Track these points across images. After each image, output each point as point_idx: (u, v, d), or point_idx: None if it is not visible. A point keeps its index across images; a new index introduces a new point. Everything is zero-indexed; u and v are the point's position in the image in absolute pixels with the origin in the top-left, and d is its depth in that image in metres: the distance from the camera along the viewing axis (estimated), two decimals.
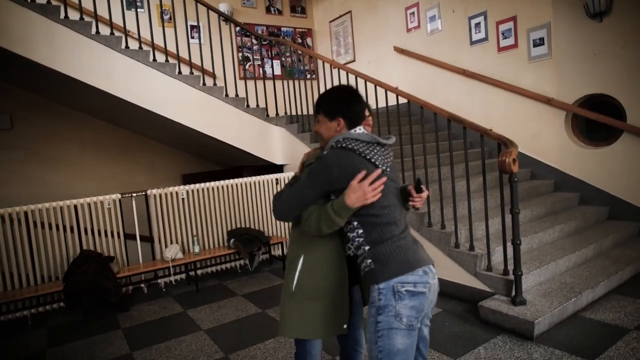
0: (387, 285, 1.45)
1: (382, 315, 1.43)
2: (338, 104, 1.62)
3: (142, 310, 3.81)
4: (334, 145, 1.57)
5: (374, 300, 1.47)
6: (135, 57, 4.37)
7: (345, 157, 1.51)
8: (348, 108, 1.61)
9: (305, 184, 1.55)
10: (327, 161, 1.51)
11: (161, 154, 6.73)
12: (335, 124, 1.61)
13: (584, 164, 4.53)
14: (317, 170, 1.53)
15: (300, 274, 1.65)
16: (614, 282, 3.26)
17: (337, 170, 1.49)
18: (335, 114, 1.61)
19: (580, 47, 4.39)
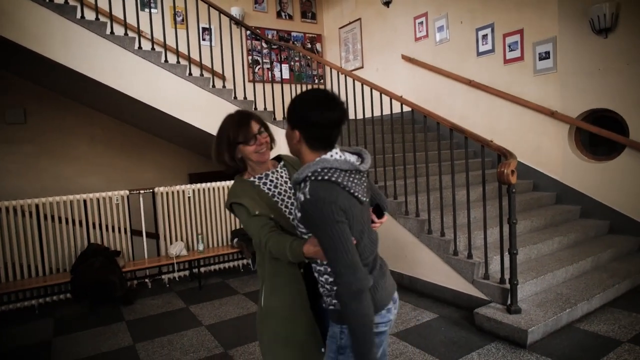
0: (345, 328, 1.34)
1: (343, 355, 1.36)
2: (292, 111, 1.36)
3: (146, 304, 3.90)
4: (310, 176, 1.31)
5: (334, 336, 1.39)
6: (147, 57, 4.48)
7: (333, 192, 1.28)
8: (303, 120, 1.33)
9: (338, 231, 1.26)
10: (328, 199, 1.26)
11: (169, 152, 6.84)
12: (296, 135, 1.35)
13: (586, 178, 4.57)
14: (329, 214, 1.25)
15: (265, 294, 1.62)
16: (610, 295, 3.30)
17: (338, 203, 1.27)
18: (292, 124, 1.36)
19: (585, 62, 4.45)
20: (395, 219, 3.96)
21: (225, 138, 1.59)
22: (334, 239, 1.25)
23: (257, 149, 1.59)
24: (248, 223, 1.57)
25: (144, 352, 2.97)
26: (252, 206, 1.55)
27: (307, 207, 1.27)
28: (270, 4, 7.45)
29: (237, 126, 1.59)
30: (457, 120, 4.40)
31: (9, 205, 3.80)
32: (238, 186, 1.64)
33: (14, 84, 5.52)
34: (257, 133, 1.60)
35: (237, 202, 1.58)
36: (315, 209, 1.26)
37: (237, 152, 1.60)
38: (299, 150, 1.39)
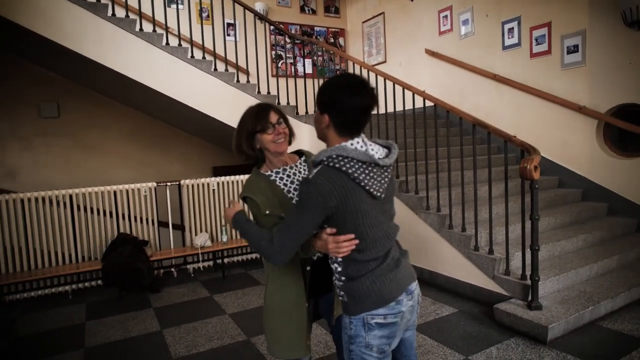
0: (358, 317, 1.40)
1: (353, 344, 1.42)
2: (322, 96, 1.36)
3: (172, 293, 4.05)
4: (324, 160, 1.33)
5: (345, 327, 1.46)
6: (174, 53, 4.61)
7: (335, 181, 1.30)
8: (334, 104, 1.33)
9: (300, 216, 1.34)
10: (322, 189, 1.29)
11: (194, 146, 7.01)
12: (324, 119, 1.36)
13: (614, 174, 4.46)
14: (308, 198, 1.31)
15: (268, 291, 1.71)
16: (636, 294, 3.24)
17: (335, 199, 1.31)
18: (322, 108, 1.37)
19: (616, 56, 4.32)
20: (416, 213, 3.97)
21: (245, 127, 1.65)
22: (295, 218, 1.35)
23: (275, 139, 1.63)
24: (258, 220, 1.63)
25: (171, 337, 3.10)
26: (263, 204, 1.60)
27: (302, 186, 1.34)
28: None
29: (256, 115, 1.64)
30: (482, 115, 4.36)
31: (45, 196, 4.00)
32: (254, 180, 1.68)
33: (48, 80, 5.76)
34: (276, 123, 1.64)
35: (250, 197, 1.62)
36: (306, 190, 1.31)
37: (255, 141, 1.64)
38: (326, 135, 1.40)
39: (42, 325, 3.42)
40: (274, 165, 1.70)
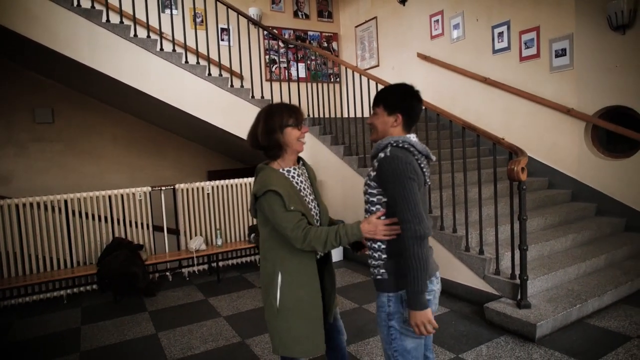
0: (396, 294, 1.53)
1: (392, 320, 1.53)
2: (400, 99, 1.61)
3: (167, 296, 4.07)
4: (392, 144, 1.55)
5: (382, 305, 1.56)
6: (169, 59, 4.65)
7: (409, 156, 1.52)
8: (409, 105, 1.60)
9: (410, 186, 1.48)
10: (406, 159, 1.49)
11: (188, 150, 7.04)
12: (393, 119, 1.60)
13: (602, 175, 4.55)
14: (405, 170, 1.48)
15: (281, 290, 1.69)
16: (623, 292, 3.31)
17: (412, 165, 1.50)
18: (394, 109, 1.59)
19: (602, 59, 4.42)
20: None
21: (277, 119, 1.69)
22: (406, 190, 1.47)
23: (301, 137, 1.74)
24: (281, 215, 1.62)
25: (166, 340, 3.13)
26: (288, 199, 1.62)
27: (386, 163, 1.50)
28: (287, 4, 7.57)
29: (290, 110, 1.73)
30: (473, 118, 4.44)
31: (39, 201, 4.02)
32: (273, 175, 1.69)
33: (42, 85, 5.78)
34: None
35: (275, 190, 1.62)
36: (393, 164, 1.49)
37: (282, 135, 1.69)
38: (392, 132, 1.61)
39: (37, 330, 3.44)
40: (286, 164, 1.76)
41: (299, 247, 1.64)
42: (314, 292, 1.74)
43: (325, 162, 5.20)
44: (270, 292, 1.73)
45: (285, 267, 1.71)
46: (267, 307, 1.77)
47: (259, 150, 1.77)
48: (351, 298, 3.74)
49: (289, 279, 1.71)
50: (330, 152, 5.08)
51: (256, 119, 1.76)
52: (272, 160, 1.78)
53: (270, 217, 1.66)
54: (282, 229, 1.65)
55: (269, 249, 1.75)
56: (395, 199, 1.49)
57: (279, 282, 1.70)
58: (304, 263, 1.72)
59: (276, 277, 1.71)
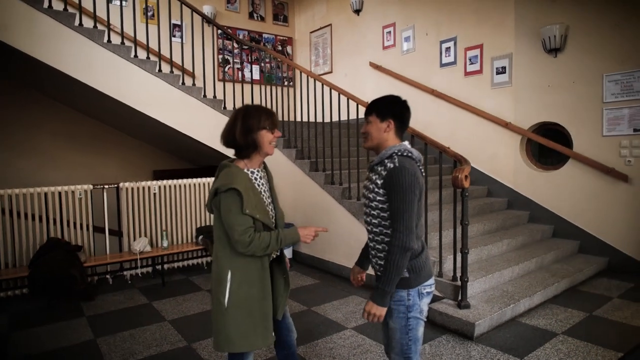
0: (415, 289, 1.70)
1: (411, 312, 1.69)
2: (391, 106, 1.75)
3: (107, 300, 3.87)
4: (397, 153, 1.68)
5: (401, 299, 1.69)
6: (117, 51, 4.45)
7: (415, 167, 1.66)
8: (399, 111, 1.75)
9: (410, 200, 1.61)
10: (412, 171, 1.62)
11: (133, 148, 6.75)
12: (386, 125, 1.73)
13: (534, 185, 4.92)
14: (410, 183, 1.61)
15: (230, 288, 1.71)
16: (550, 293, 3.60)
17: (417, 178, 1.64)
18: (386, 116, 1.73)
19: (537, 79, 4.80)
20: (357, 219, 4.12)
21: (255, 120, 1.75)
22: (406, 203, 1.61)
23: (273, 141, 1.80)
24: (235, 217, 1.64)
25: (106, 346, 2.97)
26: (246, 201, 1.65)
27: (396, 173, 1.62)
28: (242, 5, 7.51)
29: (267, 113, 1.79)
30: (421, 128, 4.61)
31: None
32: (239, 174, 1.72)
33: None
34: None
35: (237, 189, 1.64)
36: (402, 176, 1.61)
37: (256, 136, 1.74)
38: (386, 137, 1.74)
39: None
40: (252, 164, 1.80)
41: (241, 250, 1.68)
42: (265, 291, 1.77)
43: (276, 165, 5.19)
44: (219, 289, 1.74)
45: (236, 265, 1.72)
46: (215, 304, 1.77)
47: (231, 149, 1.80)
48: (300, 300, 3.76)
49: (239, 277, 1.72)
50: (282, 155, 5.08)
51: (233, 118, 1.78)
52: (239, 159, 1.80)
53: (224, 215, 1.67)
54: (230, 229, 1.67)
55: (223, 248, 1.74)
56: (393, 208, 1.63)
57: (229, 280, 1.72)
58: (256, 262, 1.74)
59: (226, 274, 1.72)
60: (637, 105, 4.10)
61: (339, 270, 4.43)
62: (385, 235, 1.70)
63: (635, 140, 4.13)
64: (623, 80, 4.18)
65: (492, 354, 2.69)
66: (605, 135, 4.32)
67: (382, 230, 1.70)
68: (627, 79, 4.16)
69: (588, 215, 4.50)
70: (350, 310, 3.52)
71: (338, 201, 4.35)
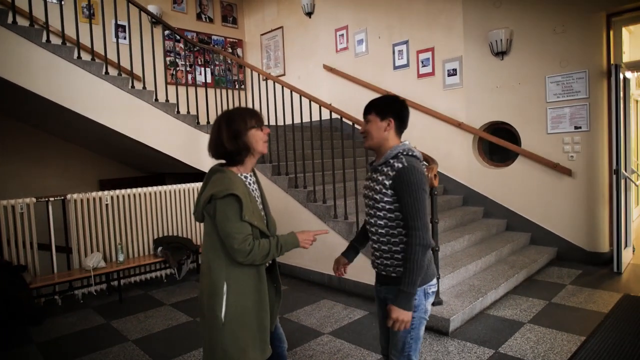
0: (421, 288, 1.69)
1: (416, 312, 1.68)
2: (390, 105, 1.75)
3: (58, 323, 3.54)
4: (402, 152, 1.68)
5: (419, 296, 1.69)
6: (57, 52, 4.10)
7: (422, 166, 1.69)
8: (399, 109, 1.75)
9: (423, 198, 1.62)
10: (421, 170, 1.65)
11: (76, 156, 6.28)
12: (385, 124, 1.72)
13: (487, 182, 5.16)
14: (421, 182, 1.62)
15: (227, 301, 1.61)
16: (511, 284, 3.78)
17: (425, 176, 1.66)
18: (387, 114, 1.72)
19: (486, 80, 5.04)
20: (324, 222, 4.09)
21: (240, 122, 1.67)
22: (420, 201, 1.61)
23: (265, 138, 1.72)
24: (234, 224, 1.56)
25: None
26: (245, 208, 1.57)
27: (405, 172, 1.62)
28: (189, 5, 7.25)
29: (250, 112, 1.72)
30: None
31: None
32: (235, 179, 1.63)
33: None
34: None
35: (237, 194, 1.55)
36: (412, 175, 1.62)
37: (246, 138, 1.66)
38: (386, 136, 1.73)
39: None
40: (245, 169, 1.72)
41: (240, 260, 1.59)
42: (262, 302, 1.68)
43: None
44: (214, 303, 1.62)
45: (233, 276, 1.63)
46: (209, 320, 1.64)
47: (222, 159, 1.71)
48: None
49: (236, 288, 1.63)
50: None
51: (216, 127, 1.68)
52: (231, 165, 1.70)
53: (221, 223, 1.57)
54: (229, 238, 1.57)
55: (217, 258, 1.64)
56: (407, 208, 1.62)
57: (225, 292, 1.61)
58: (252, 271, 1.66)
59: (222, 286, 1.62)
60: (576, 105, 4.43)
61: (307, 275, 4.38)
62: (391, 235, 1.70)
63: (577, 137, 4.46)
64: (563, 81, 4.50)
65: (469, 348, 2.77)
66: (550, 133, 4.63)
67: (389, 231, 1.70)
68: (567, 80, 4.48)
69: (537, 209, 4.79)
70: (323, 315, 3.47)
71: (303, 205, 4.30)
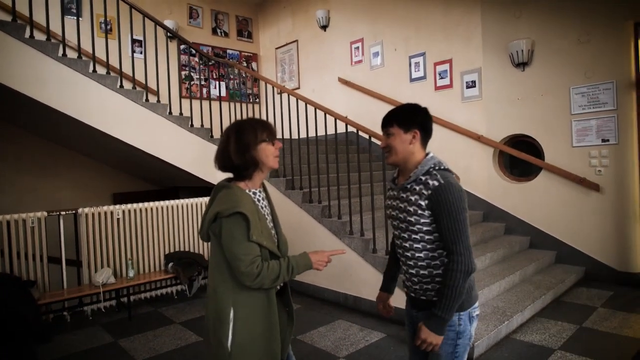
0: (466, 312, 1.56)
1: (461, 339, 1.56)
2: (414, 115, 1.61)
3: (66, 341, 3.45)
4: (434, 167, 1.54)
5: (453, 324, 1.55)
6: (73, 66, 4.11)
7: (458, 182, 1.55)
8: (423, 119, 1.61)
9: (464, 218, 1.49)
10: (458, 186, 1.51)
11: (90, 169, 6.29)
12: (411, 136, 1.58)
13: (508, 197, 4.96)
14: (461, 200, 1.49)
15: (234, 328, 1.49)
16: (538, 306, 3.56)
17: (464, 193, 1.52)
18: (411, 126, 1.58)
19: (506, 92, 4.88)
20: (339, 238, 3.95)
21: (250, 134, 1.56)
22: (461, 222, 1.48)
23: (276, 153, 1.62)
24: (241, 245, 1.45)
25: None
26: (253, 227, 1.46)
27: (443, 191, 1.48)
28: (205, 20, 7.29)
29: (262, 125, 1.60)
30: None
31: None
32: (243, 196, 1.53)
33: None
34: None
35: (244, 213, 1.45)
36: (451, 194, 1.47)
37: (255, 152, 1.56)
38: (412, 150, 1.60)
39: None
40: (253, 184, 1.61)
41: (248, 284, 1.47)
42: (273, 329, 1.55)
43: None
44: (220, 330, 1.50)
45: (240, 301, 1.51)
46: (215, 347, 1.52)
47: (229, 172, 1.60)
48: None
49: (244, 314, 1.50)
50: None
51: (225, 138, 1.59)
52: (238, 180, 1.60)
53: (227, 243, 1.46)
54: (235, 260, 1.45)
55: (223, 281, 1.52)
56: (448, 231, 1.48)
57: (232, 318, 1.49)
58: (261, 296, 1.53)
59: (228, 312, 1.50)
60: (603, 117, 4.24)
61: (320, 294, 4.22)
62: (432, 259, 1.56)
63: (604, 150, 4.25)
64: (589, 92, 4.32)
65: None
66: (575, 146, 4.43)
67: (429, 254, 1.56)
68: (592, 91, 4.30)
69: (563, 225, 4.57)
70: (339, 337, 3.31)
71: (318, 220, 4.17)
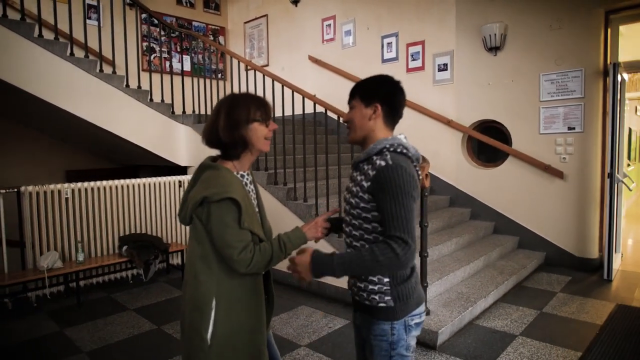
0: (400, 321, 1.39)
1: (395, 350, 1.39)
2: (378, 87, 1.42)
3: (7, 330, 3.19)
4: (388, 148, 1.34)
5: (384, 334, 1.38)
6: (14, 28, 3.72)
7: (411, 166, 1.33)
8: (388, 92, 1.41)
9: (410, 206, 1.27)
10: (410, 171, 1.30)
11: (41, 145, 5.84)
12: (371, 111, 1.40)
13: (475, 182, 4.96)
14: (408, 185, 1.27)
15: (215, 320, 1.37)
16: (501, 291, 3.57)
17: (415, 179, 1.31)
18: (372, 99, 1.40)
19: (477, 76, 4.82)
20: (304, 221, 3.82)
21: (243, 111, 1.41)
22: (407, 209, 1.26)
23: (269, 135, 1.47)
24: (233, 232, 1.32)
25: None
26: (244, 214, 1.33)
27: (388, 172, 1.28)
28: None
29: (257, 102, 1.45)
30: None
31: None
32: (233, 179, 1.39)
33: None
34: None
35: (235, 198, 1.31)
36: (396, 175, 1.27)
37: (246, 131, 1.41)
38: (373, 127, 1.41)
39: None
40: (242, 167, 1.47)
41: (242, 271, 1.35)
42: (259, 320, 1.44)
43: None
44: (200, 322, 1.36)
45: (224, 290, 1.38)
46: (191, 340, 1.38)
47: (216, 149, 1.46)
48: None
49: (227, 304, 1.38)
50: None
51: (215, 111, 1.44)
52: (225, 160, 1.45)
53: (218, 230, 1.32)
54: (228, 248, 1.32)
55: (207, 268, 1.37)
56: (390, 215, 1.27)
57: (213, 308, 1.36)
58: (246, 283, 1.41)
59: (210, 302, 1.36)
60: (571, 104, 4.25)
61: (283, 279, 4.09)
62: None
63: (569, 138, 4.28)
64: (558, 79, 4.31)
65: None
66: (542, 133, 4.44)
67: (364, 244, 1.36)
68: (561, 78, 4.29)
69: (526, 211, 4.61)
70: (301, 323, 3.20)
71: (283, 203, 4.01)
